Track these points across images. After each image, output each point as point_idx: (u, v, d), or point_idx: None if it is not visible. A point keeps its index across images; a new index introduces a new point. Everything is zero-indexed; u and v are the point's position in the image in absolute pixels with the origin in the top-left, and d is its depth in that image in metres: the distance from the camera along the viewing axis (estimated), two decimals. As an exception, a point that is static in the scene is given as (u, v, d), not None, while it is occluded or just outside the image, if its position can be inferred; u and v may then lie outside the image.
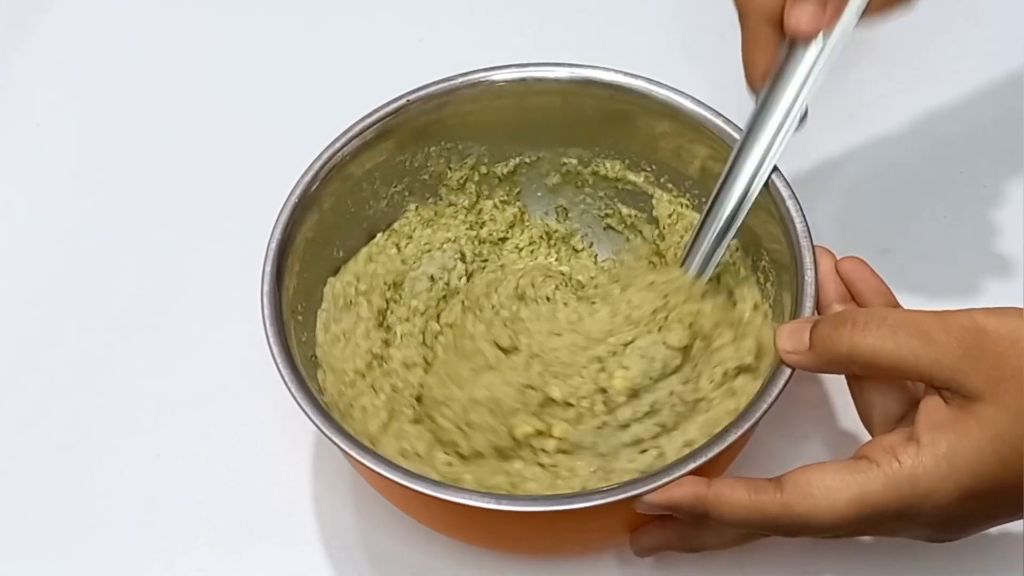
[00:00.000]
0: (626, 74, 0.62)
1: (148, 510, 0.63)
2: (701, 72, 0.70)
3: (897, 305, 0.56)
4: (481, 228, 0.66)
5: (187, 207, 0.74)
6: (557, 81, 0.62)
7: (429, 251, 0.65)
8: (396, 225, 0.65)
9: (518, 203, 0.67)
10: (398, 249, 0.64)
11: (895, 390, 0.52)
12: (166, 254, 0.72)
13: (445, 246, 0.65)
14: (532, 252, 0.67)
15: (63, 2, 0.84)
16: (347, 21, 0.82)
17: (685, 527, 0.52)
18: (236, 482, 0.63)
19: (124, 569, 0.62)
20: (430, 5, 0.83)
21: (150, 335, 0.69)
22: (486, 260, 0.66)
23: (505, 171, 0.66)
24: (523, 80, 0.62)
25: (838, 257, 0.56)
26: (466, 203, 0.66)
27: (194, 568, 0.61)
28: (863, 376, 0.53)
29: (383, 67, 0.79)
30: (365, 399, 0.60)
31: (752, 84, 0.57)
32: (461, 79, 0.62)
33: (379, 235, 0.64)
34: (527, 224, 0.67)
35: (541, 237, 0.67)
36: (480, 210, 0.66)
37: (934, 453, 0.47)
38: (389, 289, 0.63)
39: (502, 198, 0.67)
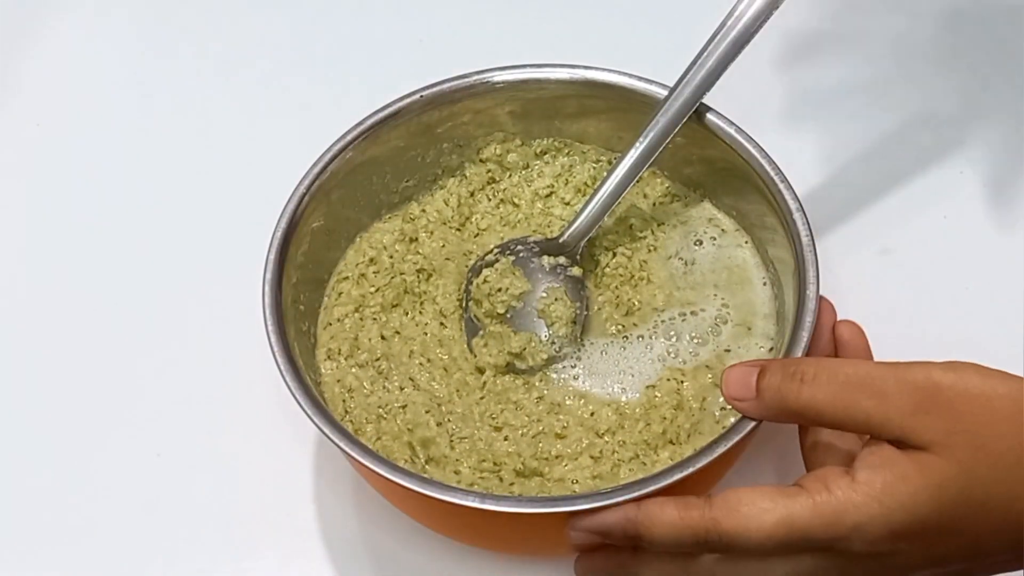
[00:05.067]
0: (626, 75, 0.62)
1: (148, 510, 0.63)
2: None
3: None
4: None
5: (187, 206, 0.74)
6: (558, 82, 0.63)
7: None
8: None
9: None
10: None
11: (844, 436, 0.52)
12: (166, 253, 0.72)
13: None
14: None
15: (63, 2, 0.84)
16: (347, 21, 0.82)
17: (626, 556, 0.52)
18: (237, 482, 0.63)
19: (124, 569, 0.62)
20: (430, 5, 0.83)
21: (151, 334, 0.69)
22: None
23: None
24: (523, 81, 0.63)
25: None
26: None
27: (195, 569, 0.61)
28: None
29: (383, 67, 0.79)
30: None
31: None
32: (475, 77, 0.62)
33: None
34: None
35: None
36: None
37: (867, 491, 0.47)
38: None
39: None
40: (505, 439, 0.58)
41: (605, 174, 0.62)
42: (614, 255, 0.63)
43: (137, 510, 0.63)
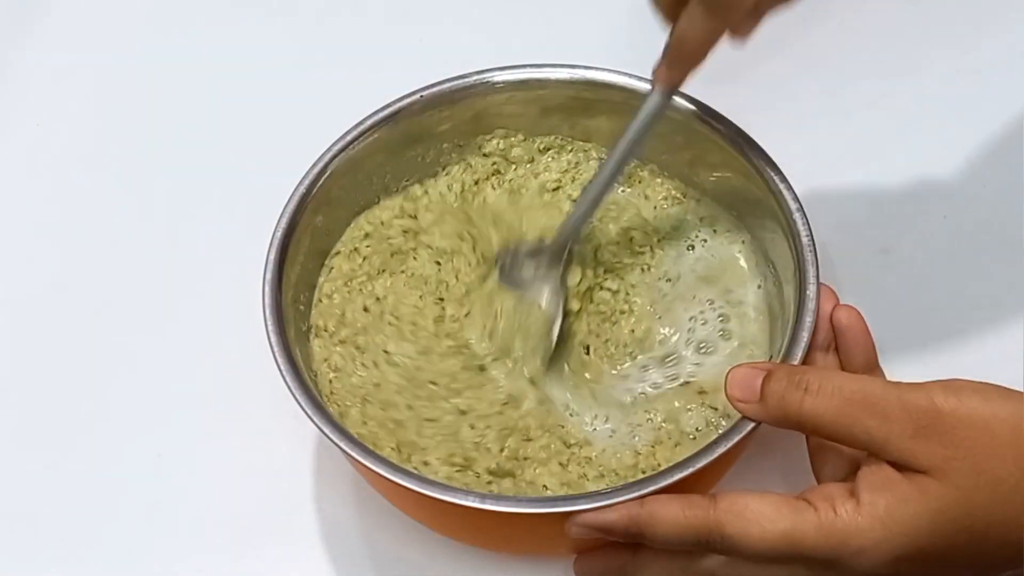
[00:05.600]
0: (626, 75, 0.62)
1: (149, 510, 0.63)
2: (701, 72, 0.70)
3: (877, 366, 0.56)
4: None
5: (187, 206, 0.74)
6: (558, 82, 0.63)
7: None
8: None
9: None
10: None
11: (847, 449, 0.52)
12: (167, 253, 0.72)
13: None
14: None
15: (63, 2, 0.84)
16: (347, 21, 0.82)
17: (626, 556, 0.52)
18: (237, 482, 0.63)
19: (125, 569, 0.62)
20: (430, 5, 0.83)
21: (151, 334, 0.69)
22: None
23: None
24: (524, 81, 0.63)
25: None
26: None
27: (195, 569, 0.61)
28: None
29: (383, 67, 0.79)
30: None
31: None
32: (475, 77, 0.62)
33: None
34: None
35: None
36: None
37: (871, 513, 0.47)
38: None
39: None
40: (471, 427, 0.58)
41: (592, 177, 0.61)
42: (600, 288, 0.63)
43: (137, 510, 0.63)
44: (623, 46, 0.77)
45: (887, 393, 0.48)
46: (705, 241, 0.64)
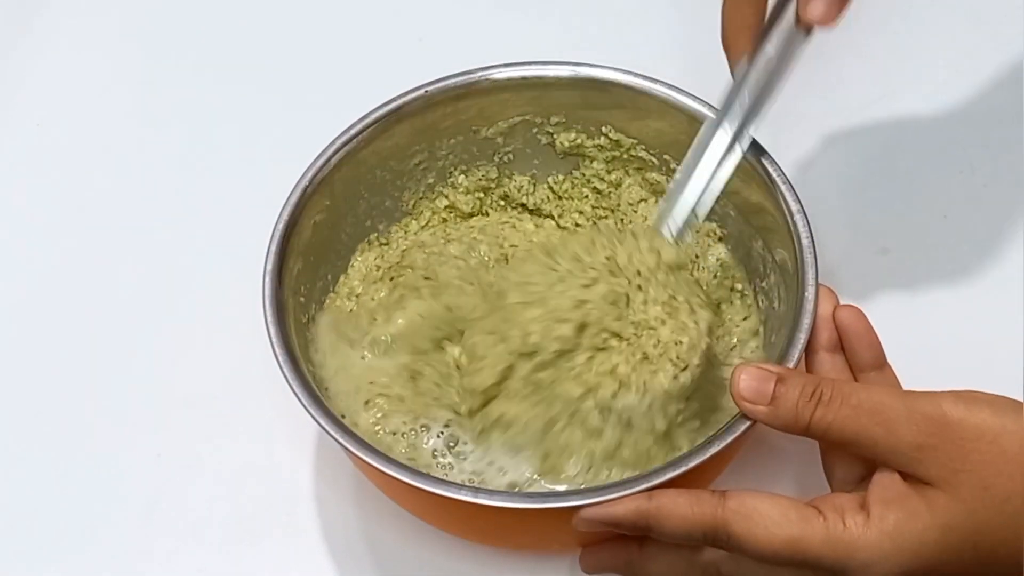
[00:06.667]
0: (627, 72, 0.62)
1: (149, 510, 0.63)
2: (701, 72, 0.70)
3: (886, 362, 0.56)
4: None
5: (188, 207, 0.74)
6: (559, 80, 0.63)
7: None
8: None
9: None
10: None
11: (858, 456, 0.52)
12: (166, 253, 0.72)
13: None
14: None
15: (63, 2, 0.84)
16: (347, 20, 0.82)
17: (632, 550, 0.52)
18: (237, 480, 0.63)
19: (125, 569, 0.62)
20: (430, 5, 0.83)
21: (151, 334, 0.69)
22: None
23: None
24: (526, 79, 0.63)
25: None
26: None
27: (196, 568, 0.61)
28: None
29: (382, 66, 0.79)
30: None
31: (729, 47, 0.56)
32: (479, 73, 0.62)
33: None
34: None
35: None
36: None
37: (880, 527, 0.47)
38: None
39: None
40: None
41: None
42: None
43: (137, 510, 0.63)
44: (624, 45, 0.78)
45: (895, 403, 0.48)
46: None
